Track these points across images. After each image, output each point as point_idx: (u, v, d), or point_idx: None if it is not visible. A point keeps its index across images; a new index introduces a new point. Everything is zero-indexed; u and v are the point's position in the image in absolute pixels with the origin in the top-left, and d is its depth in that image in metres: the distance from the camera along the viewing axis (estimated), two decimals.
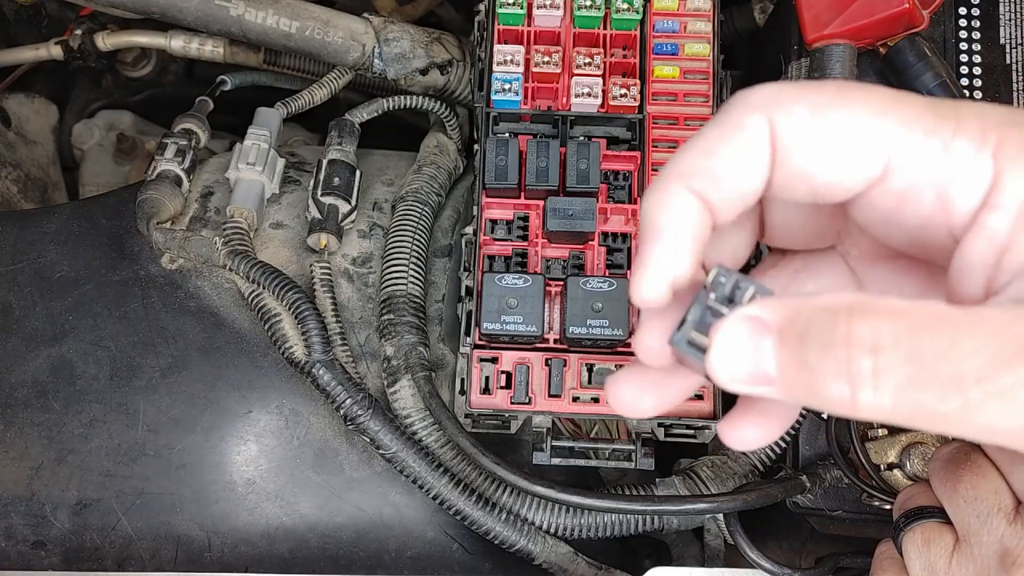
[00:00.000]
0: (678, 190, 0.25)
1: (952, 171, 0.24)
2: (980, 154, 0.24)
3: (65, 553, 0.56)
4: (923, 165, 0.24)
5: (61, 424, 0.58)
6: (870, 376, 0.22)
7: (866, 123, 0.24)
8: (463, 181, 0.68)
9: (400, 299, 0.58)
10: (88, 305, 0.60)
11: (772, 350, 0.23)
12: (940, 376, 0.22)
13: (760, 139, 0.25)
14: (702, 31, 0.58)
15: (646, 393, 0.29)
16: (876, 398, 0.22)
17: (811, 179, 0.25)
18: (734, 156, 0.25)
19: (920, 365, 0.22)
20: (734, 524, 0.52)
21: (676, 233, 0.25)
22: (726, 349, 0.24)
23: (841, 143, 0.25)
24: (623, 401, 0.29)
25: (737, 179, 0.25)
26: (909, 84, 0.53)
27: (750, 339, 0.24)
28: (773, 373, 0.24)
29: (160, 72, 0.88)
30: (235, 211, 0.60)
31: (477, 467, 0.56)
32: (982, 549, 0.36)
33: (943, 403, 0.22)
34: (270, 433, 0.58)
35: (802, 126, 0.25)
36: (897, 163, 0.25)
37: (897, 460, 0.51)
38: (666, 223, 0.25)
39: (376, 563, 0.57)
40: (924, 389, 0.22)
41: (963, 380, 0.21)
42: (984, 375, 0.21)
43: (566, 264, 0.54)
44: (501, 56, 0.56)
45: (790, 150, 0.25)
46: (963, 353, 0.21)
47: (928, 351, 0.22)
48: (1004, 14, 0.57)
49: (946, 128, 0.24)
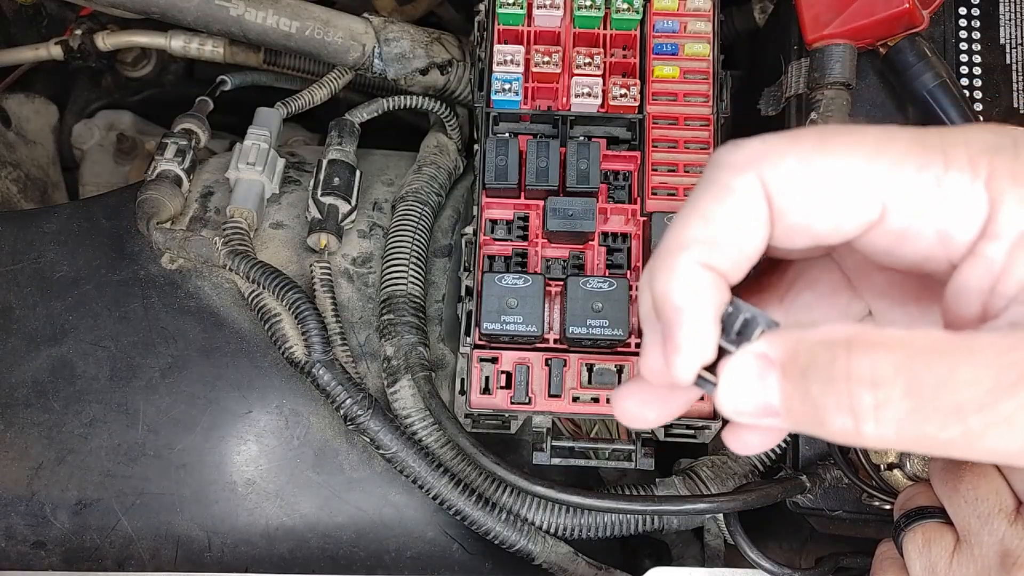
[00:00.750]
0: (687, 265, 0.25)
1: (949, 207, 0.25)
2: (974, 185, 0.24)
3: (65, 553, 0.56)
4: (919, 205, 0.25)
5: (61, 424, 0.58)
6: (871, 410, 0.23)
7: (858, 169, 0.25)
8: (463, 181, 0.68)
9: (400, 299, 0.58)
10: (88, 305, 0.60)
11: (776, 385, 0.24)
12: (941, 407, 0.22)
13: (755, 199, 0.25)
14: (702, 31, 0.58)
15: (651, 406, 0.30)
16: (879, 430, 0.23)
17: (811, 229, 0.26)
18: (733, 220, 0.25)
19: (920, 397, 0.22)
20: (734, 524, 0.52)
21: (699, 310, 0.25)
22: (733, 385, 0.25)
23: (836, 192, 0.25)
24: (629, 414, 0.30)
25: (740, 243, 0.26)
26: (909, 84, 0.53)
27: (756, 375, 0.25)
28: (778, 406, 0.24)
29: (160, 72, 0.88)
30: (235, 211, 0.60)
31: (477, 467, 0.56)
32: (983, 550, 0.36)
33: (945, 432, 0.22)
34: (270, 433, 0.58)
35: (794, 179, 0.25)
36: (894, 206, 0.25)
37: (897, 460, 0.51)
38: (686, 303, 0.25)
39: (376, 563, 0.57)
40: (926, 421, 0.22)
41: (963, 410, 0.22)
42: (985, 403, 0.22)
43: (566, 264, 0.54)
44: (501, 56, 0.56)
45: (787, 206, 0.25)
46: (962, 383, 0.22)
47: (927, 382, 0.22)
48: (1004, 14, 0.57)
49: (935, 161, 0.25)
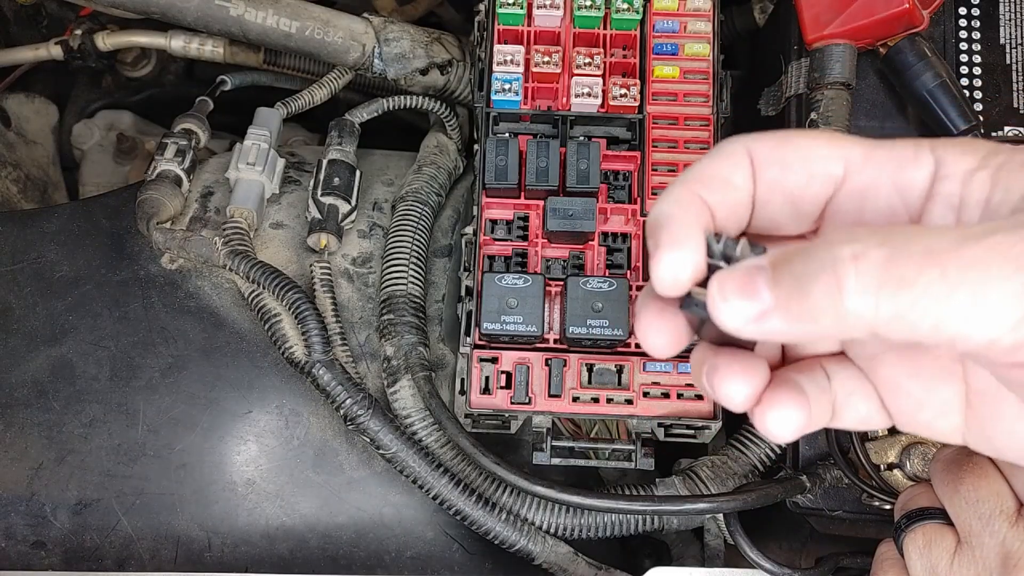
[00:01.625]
0: (678, 189, 0.29)
1: (900, 163, 0.29)
2: (920, 148, 0.29)
3: (65, 553, 0.56)
4: (876, 164, 0.29)
5: (61, 424, 0.58)
6: (850, 261, 0.24)
7: (824, 140, 0.30)
8: (463, 181, 0.68)
9: (400, 299, 0.58)
10: (88, 305, 0.60)
11: (767, 280, 0.26)
12: (915, 252, 0.24)
13: (741, 158, 0.30)
14: (702, 31, 0.58)
15: (660, 332, 0.30)
16: (859, 282, 0.24)
17: (784, 187, 0.30)
18: (721, 167, 0.30)
19: (894, 246, 0.24)
20: (734, 524, 0.52)
21: (682, 217, 0.28)
22: (727, 285, 0.26)
23: (805, 156, 0.30)
24: (648, 340, 0.31)
25: (726, 184, 0.30)
26: (909, 84, 0.53)
27: (746, 277, 0.26)
28: (769, 299, 0.26)
29: (160, 72, 0.88)
30: (235, 211, 0.60)
31: (477, 467, 0.56)
32: (984, 551, 0.36)
33: (922, 274, 0.23)
34: (270, 433, 0.58)
35: (772, 148, 0.30)
36: (854, 166, 0.29)
37: (897, 460, 0.51)
38: (671, 212, 0.29)
39: (376, 563, 0.57)
40: (902, 265, 0.24)
41: (938, 253, 0.23)
42: (956, 247, 0.23)
43: (566, 264, 0.54)
44: (501, 56, 0.56)
45: (764, 165, 0.30)
46: (933, 236, 0.24)
47: (900, 236, 0.24)
48: (1004, 14, 0.57)
49: (886, 141, 0.30)
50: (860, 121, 0.56)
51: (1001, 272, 0.23)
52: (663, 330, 0.30)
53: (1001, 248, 0.23)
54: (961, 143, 0.29)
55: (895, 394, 0.31)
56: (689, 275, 0.27)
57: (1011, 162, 0.28)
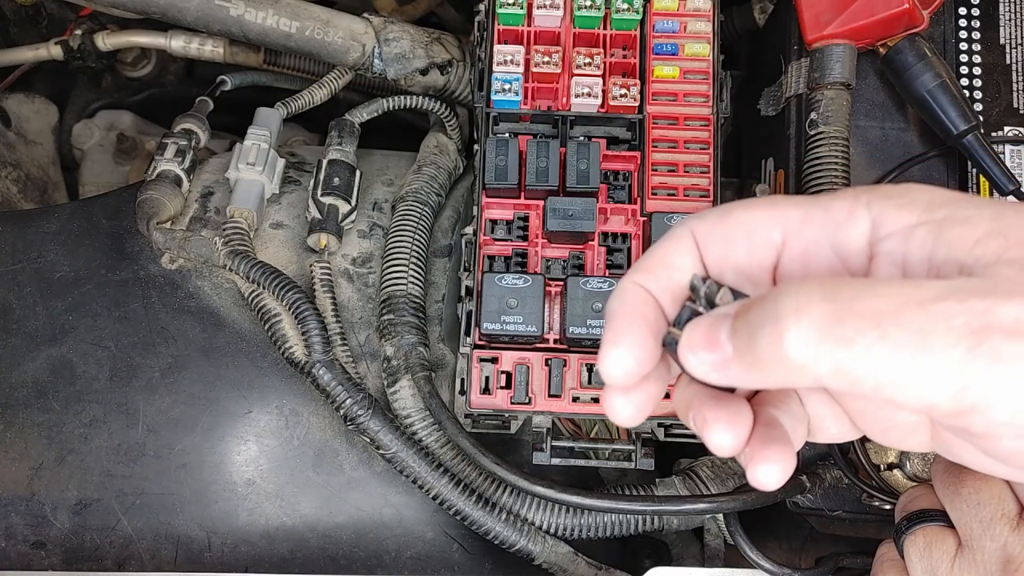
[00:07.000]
0: (624, 284, 0.31)
1: (837, 223, 0.29)
2: (856, 206, 0.29)
3: (65, 553, 0.56)
4: (813, 225, 0.29)
5: (61, 424, 0.58)
6: (793, 314, 0.24)
7: (762, 209, 0.30)
8: (463, 181, 0.68)
9: (400, 299, 0.58)
10: (88, 305, 0.60)
11: (727, 330, 0.27)
12: (858, 311, 0.24)
13: (685, 240, 0.31)
14: (702, 31, 0.58)
15: (627, 404, 0.32)
16: (800, 334, 0.24)
17: (730, 261, 0.31)
18: (666, 253, 0.31)
19: (837, 302, 0.24)
20: (734, 524, 0.52)
21: (625, 313, 0.30)
22: (693, 336, 0.27)
23: (745, 228, 0.30)
24: (615, 410, 0.32)
25: (671, 269, 0.31)
26: (909, 84, 0.53)
27: (712, 327, 0.27)
28: (729, 348, 0.26)
29: (160, 72, 0.88)
30: (235, 211, 0.60)
31: (477, 467, 0.56)
32: (984, 555, 0.36)
33: (863, 335, 0.23)
34: (270, 433, 0.58)
35: (713, 225, 0.31)
36: (792, 231, 0.30)
37: (897, 460, 0.51)
38: (616, 309, 0.30)
39: (376, 563, 0.57)
40: (843, 323, 0.24)
41: (881, 315, 0.23)
42: (899, 311, 0.23)
43: (566, 264, 0.54)
44: (501, 56, 0.56)
45: (707, 244, 0.31)
46: (881, 295, 0.24)
47: (846, 292, 0.24)
48: (1004, 14, 0.57)
49: (824, 200, 0.30)
50: (860, 121, 0.56)
51: (944, 342, 0.23)
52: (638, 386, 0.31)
53: (944, 317, 0.23)
54: (899, 195, 0.28)
55: (862, 418, 0.32)
56: (634, 367, 0.29)
57: (952, 217, 0.27)
